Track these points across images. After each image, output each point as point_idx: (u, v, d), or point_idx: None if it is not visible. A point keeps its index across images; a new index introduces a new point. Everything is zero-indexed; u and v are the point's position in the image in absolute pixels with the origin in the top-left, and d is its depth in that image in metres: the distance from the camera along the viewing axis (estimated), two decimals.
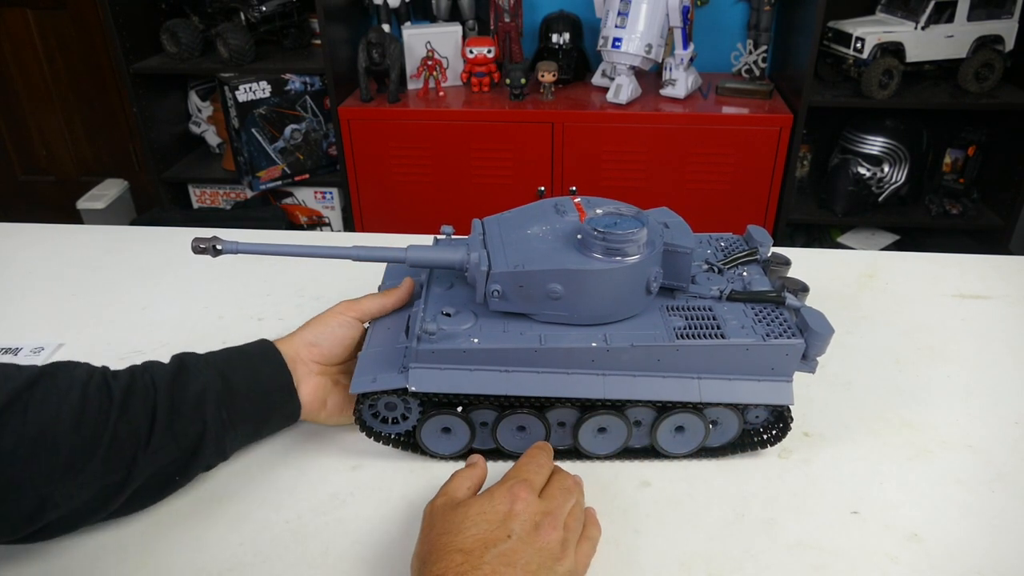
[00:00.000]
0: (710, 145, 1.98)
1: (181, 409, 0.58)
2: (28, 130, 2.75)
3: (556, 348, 0.60)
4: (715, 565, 0.57)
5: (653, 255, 0.61)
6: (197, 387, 0.59)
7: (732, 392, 0.62)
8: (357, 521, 0.61)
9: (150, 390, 0.58)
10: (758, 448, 0.67)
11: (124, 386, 0.57)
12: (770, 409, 0.65)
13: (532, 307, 0.62)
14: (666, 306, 0.65)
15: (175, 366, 0.61)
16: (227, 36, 2.10)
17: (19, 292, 0.95)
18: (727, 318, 0.63)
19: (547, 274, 0.60)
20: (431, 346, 0.60)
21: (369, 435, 0.65)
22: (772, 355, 0.61)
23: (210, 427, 0.59)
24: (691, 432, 0.65)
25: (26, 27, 2.56)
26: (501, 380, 0.61)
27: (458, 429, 0.65)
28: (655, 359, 0.61)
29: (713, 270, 0.69)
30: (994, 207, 2.18)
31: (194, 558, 0.58)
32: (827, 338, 0.61)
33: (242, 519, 0.61)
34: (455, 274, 0.69)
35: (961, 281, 0.96)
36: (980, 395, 0.76)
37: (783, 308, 0.64)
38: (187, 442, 0.58)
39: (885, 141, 2.11)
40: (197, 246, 0.63)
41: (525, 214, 0.67)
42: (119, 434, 0.54)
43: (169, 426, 0.57)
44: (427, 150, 2.08)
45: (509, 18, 2.12)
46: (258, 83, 2.14)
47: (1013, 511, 0.62)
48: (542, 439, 0.64)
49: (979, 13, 1.95)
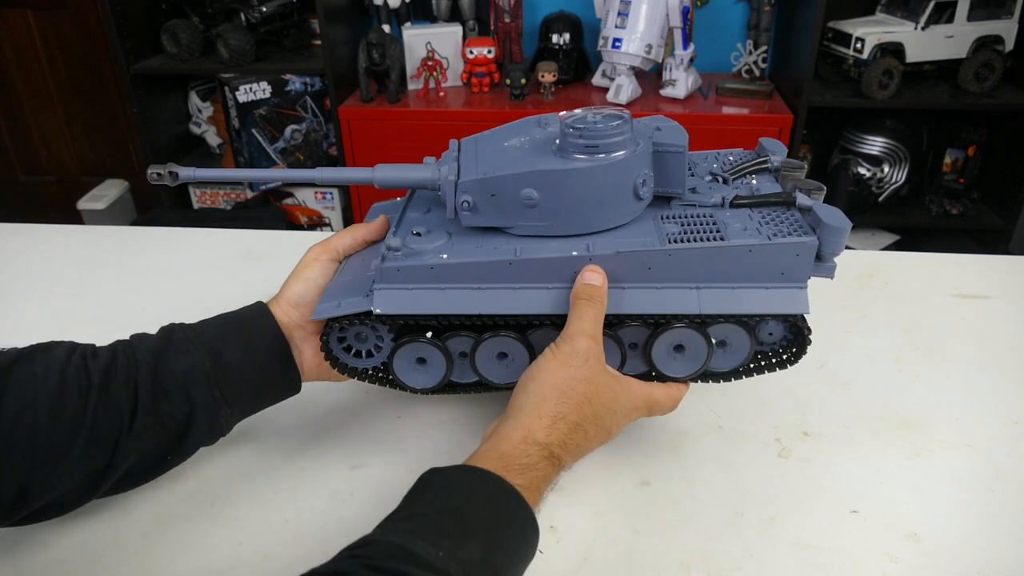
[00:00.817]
0: (710, 145, 1.97)
1: (166, 388, 0.55)
2: (28, 130, 2.75)
3: (533, 259, 0.54)
4: (715, 565, 0.57)
5: (640, 153, 0.55)
6: (184, 365, 0.56)
7: (737, 302, 0.55)
8: (357, 521, 0.61)
9: (132, 370, 0.55)
10: (775, 370, 0.61)
11: (104, 367, 0.54)
12: (785, 325, 0.58)
13: (507, 219, 0.56)
14: (660, 215, 0.58)
15: (162, 341, 0.57)
16: (227, 36, 2.10)
17: (19, 292, 0.95)
18: (729, 222, 0.56)
19: (520, 177, 0.54)
20: (396, 264, 0.55)
21: (341, 370, 0.61)
22: (781, 256, 0.54)
23: (199, 407, 0.56)
24: (693, 351, 0.58)
25: (26, 27, 2.56)
26: (474, 298, 0.55)
27: (434, 359, 0.59)
28: (646, 267, 0.54)
29: (718, 180, 0.62)
30: (994, 207, 2.18)
31: (194, 558, 0.58)
32: (844, 233, 0.53)
33: (242, 519, 0.61)
34: (433, 199, 0.64)
35: (961, 281, 0.96)
36: (980, 395, 0.76)
37: (794, 209, 0.58)
38: (174, 423, 0.55)
39: (885, 141, 2.11)
40: (154, 174, 0.58)
41: (506, 130, 0.62)
42: (99, 419, 0.52)
43: (153, 408, 0.54)
44: (427, 150, 2.06)
45: (509, 18, 2.12)
46: (258, 83, 2.15)
47: (1013, 511, 0.62)
48: (526, 366, 0.56)
49: (979, 13, 1.95)
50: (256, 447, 0.68)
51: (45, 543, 0.59)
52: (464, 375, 0.62)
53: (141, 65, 2.20)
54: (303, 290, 0.62)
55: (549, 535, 0.60)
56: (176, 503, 0.63)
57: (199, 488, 0.64)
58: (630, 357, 0.60)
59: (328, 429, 0.70)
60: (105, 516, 0.61)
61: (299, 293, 0.62)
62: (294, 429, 0.70)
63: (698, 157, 0.68)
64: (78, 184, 2.75)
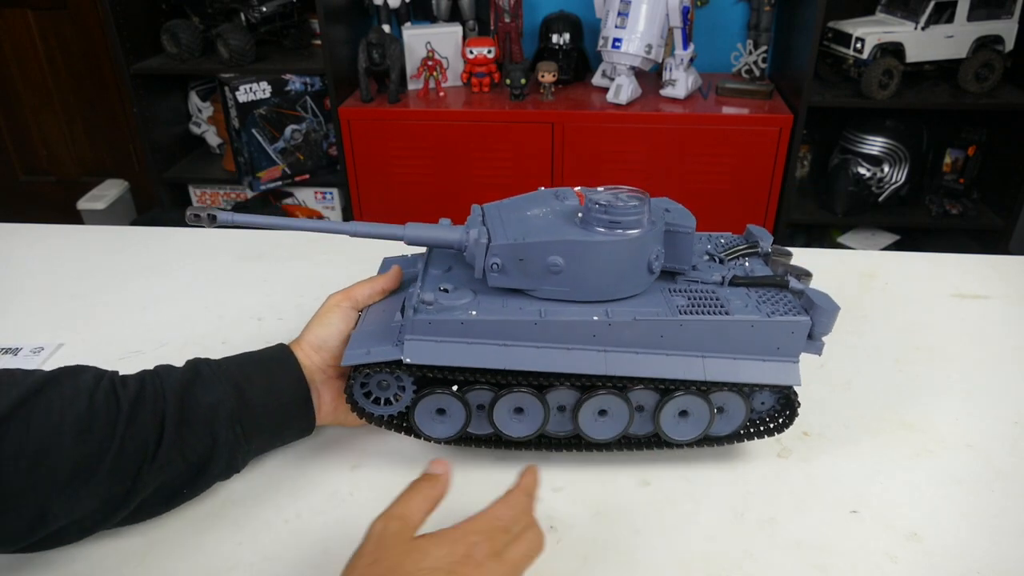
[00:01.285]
0: (710, 145, 1.98)
1: (191, 421, 0.56)
2: (28, 130, 2.75)
3: (556, 321, 0.59)
4: (715, 565, 0.57)
5: (655, 232, 0.60)
6: (210, 400, 0.57)
7: (737, 371, 0.60)
8: (357, 521, 0.61)
9: (160, 401, 0.56)
10: (764, 436, 0.65)
11: (133, 396, 0.55)
12: (777, 395, 0.64)
13: (532, 282, 0.61)
14: (668, 288, 0.64)
15: (189, 375, 0.59)
16: (227, 36, 2.10)
17: (19, 292, 0.95)
18: (730, 299, 0.62)
19: (548, 245, 0.59)
20: (428, 316, 0.58)
21: (361, 416, 0.63)
22: (778, 333, 0.60)
23: (221, 443, 0.57)
24: (696, 417, 0.63)
25: (26, 27, 2.56)
26: (499, 354, 0.59)
27: (454, 410, 0.63)
28: (658, 335, 0.59)
29: (715, 260, 0.68)
30: (994, 207, 2.18)
31: (195, 558, 0.58)
32: (833, 315, 0.59)
33: (242, 519, 0.61)
34: (453, 257, 0.68)
35: (961, 281, 0.96)
36: (980, 395, 0.76)
37: (787, 291, 0.64)
38: (195, 457, 0.57)
39: (885, 141, 2.11)
40: (192, 215, 0.60)
41: (525, 200, 0.66)
42: (125, 447, 0.53)
43: (177, 441, 0.55)
44: (427, 150, 2.08)
45: (509, 18, 2.12)
46: (258, 83, 2.14)
47: (1013, 511, 0.62)
48: (541, 422, 0.62)
49: (979, 13, 1.95)
50: None
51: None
52: (481, 427, 0.65)
53: (141, 65, 2.20)
54: (325, 335, 0.64)
55: (549, 535, 0.60)
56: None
57: None
58: (637, 419, 0.64)
59: (328, 429, 0.70)
60: None
61: (321, 338, 0.64)
62: None
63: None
64: (78, 184, 2.75)
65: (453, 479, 0.65)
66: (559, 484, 0.64)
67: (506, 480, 0.67)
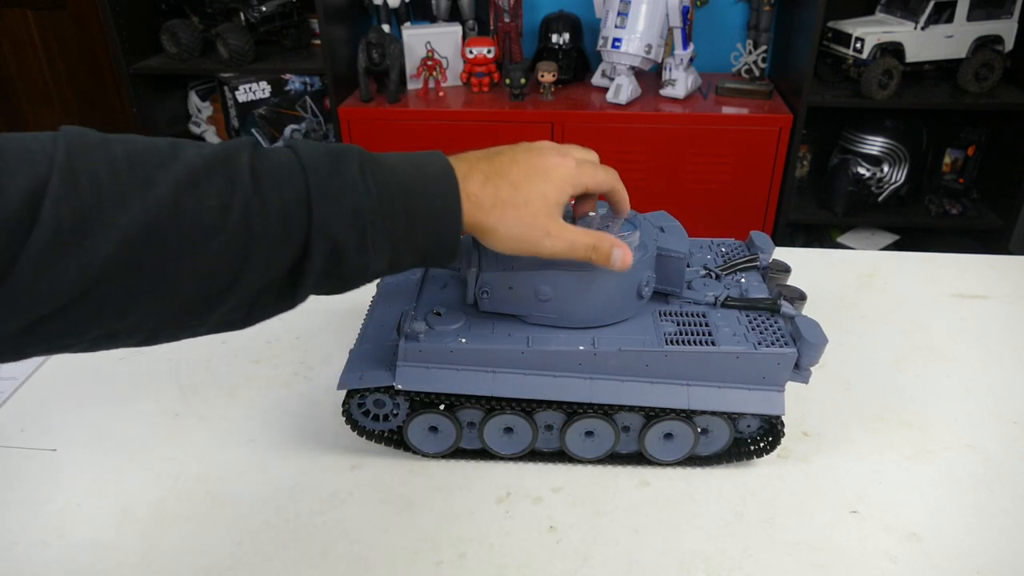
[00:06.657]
0: (710, 145, 1.98)
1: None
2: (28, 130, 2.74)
3: (543, 351, 0.60)
4: (714, 565, 0.57)
5: (645, 259, 0.60)
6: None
7: (722, 400, 0.61)
8: (357, 521, 0.61)
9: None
10: (751, 458, 0.66)
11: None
12: (762, 419, 0.65)
13: (521, 309, 0.62)
14: (659, 311, 0.64)
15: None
16: (227, 36, 2.10)
17: None
18: (720, 325, 0.62)
19: (536, 276, 0.59)
20: (419, 345, 0.60)
21: (358, 432, 0.66)
22: (763, 364, 0.60)
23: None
24: (680, 439, 0.65)
25: (26, 27, 2.56)
26: (487, 381, 0.61)
27: (445, 428, 0.65)
28: (643, 364, 0.60)
29: (711, 275, 0.69)
30: (994, 207, 2.18)
31: (194, 558, 0.58)
32: (820, 348, 0.59)
33: (242, 519, 0.61)
34: (449, 274, 0.70)
35: (960, 281, 0.96)
36: (979, 395, 0.76)
37: (778, 316, 0.64)
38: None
39: (885, 141, 2.11)
40: None
41: None
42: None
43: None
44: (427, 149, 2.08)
45: (509, 18, 2.12)
46: (258, 83, 2.14)
47: (1013, 511, 0.62)
48: (529, 441, 0.65)
49: (979, 13, 1.95)
50: (256, 447, 0.69)
51: (45, 542, 0.59)
52: (472, 442, 0.66)
53: (141, 65, 2.20)
54: None
55: (549, 535, 0.60)
56: (176, 503, 0.63)
57: (199, 488, 0.64)
58: (623, 439, 0.65)
59: (328, 429, 0.70)
60: (105, 515, 0.62)
61: None
62: (294, 429, 0.70)
63: (694, 246, 0.73)
64: None
65: (448, 479, 0.66)
66: (559, 484, 0.65)
67: (502, 480, 0.67)
